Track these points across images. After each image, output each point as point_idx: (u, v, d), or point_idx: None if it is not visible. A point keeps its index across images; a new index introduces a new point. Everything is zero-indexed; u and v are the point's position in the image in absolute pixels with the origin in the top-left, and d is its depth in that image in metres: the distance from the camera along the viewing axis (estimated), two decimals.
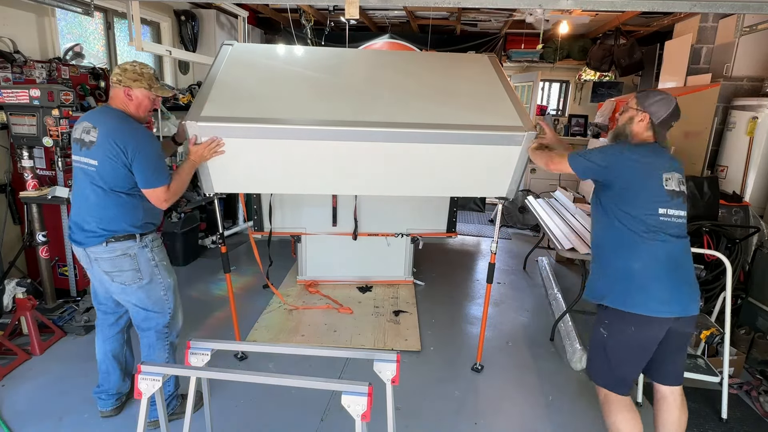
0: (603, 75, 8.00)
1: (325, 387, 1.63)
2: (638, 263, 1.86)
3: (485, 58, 3.04)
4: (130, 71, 2.14)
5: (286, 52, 3.06)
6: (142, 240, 2.21)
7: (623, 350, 1.92)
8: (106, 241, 2.14)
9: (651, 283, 1.84)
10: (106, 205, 2.13)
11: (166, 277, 2.30)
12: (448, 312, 3.78)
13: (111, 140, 2.06)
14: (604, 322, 1.94)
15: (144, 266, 2.22)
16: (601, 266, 2.00)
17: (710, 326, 2.60)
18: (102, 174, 2.09)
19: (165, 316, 2.31)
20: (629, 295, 1.86)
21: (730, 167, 4.28)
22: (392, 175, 2.56)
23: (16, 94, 3.04)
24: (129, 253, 2.18)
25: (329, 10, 6.12)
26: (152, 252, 2.24)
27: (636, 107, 2.00)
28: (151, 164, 2.11)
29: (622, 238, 1.89)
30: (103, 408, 2.43)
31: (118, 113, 2.15)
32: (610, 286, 1.93)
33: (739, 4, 2.35)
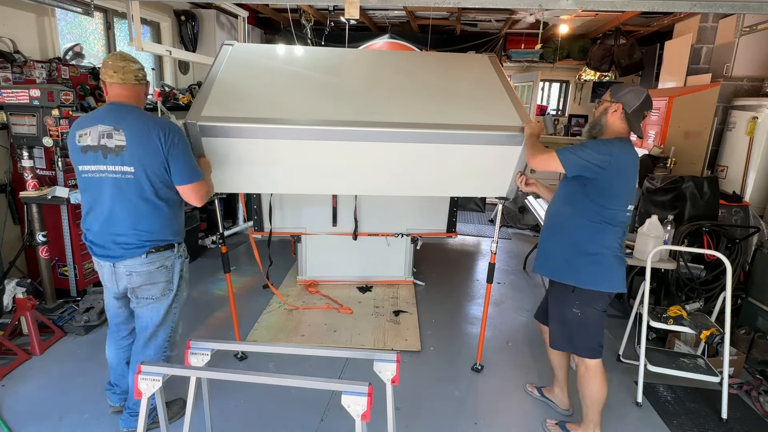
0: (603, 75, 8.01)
1: (325, 387, 1.63)
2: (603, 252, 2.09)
3: (485, 58, 3.04)
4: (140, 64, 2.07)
5: (286, 52, 3.07)
6: (179, 249, 2.16)
7: (596, 322, 2.18)
8: (147, 252, 2.04)
9: (616, 267, 2.12)
10: (146, 213, 2.01)
11: (183, 291, 2.26)
12: (448, 312, 3.78)
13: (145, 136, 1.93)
14: (576, 303, 2.16)
15: (176, 277, 2.17)
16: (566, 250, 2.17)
17: (710, 326, 2.60)
18: (138, 180, 1.96)
19: (168, 330, 2.25)
20: (600, 277, 2.11)
21: (730, 167, 4.29)
22: (392, 175, 2.57)
23: (16, 94, 3.04)
24: (166, 265, 2.11)
25: (329, 10, 6.12)
26: (184, 263, 2.21)
27: (609, 99, 2.10)
28: (187, 156, 2.03)
29: (595, 227, 2.09)
30: (114, 403, 2.39)
31: (138, 110, 2.02)
32: (578, 270, 2.13)
33: (739, 4, 2.35)
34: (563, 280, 2.19)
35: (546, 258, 2.28)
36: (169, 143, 1.97)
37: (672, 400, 2.74)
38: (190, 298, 3.81)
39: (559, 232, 2.22)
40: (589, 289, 2.12)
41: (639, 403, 2.67)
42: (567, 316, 2.21)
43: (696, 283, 3.27)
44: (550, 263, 2.25)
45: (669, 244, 3.06)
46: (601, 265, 2.10)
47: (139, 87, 2.06)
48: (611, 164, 1.98)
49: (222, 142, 2.30)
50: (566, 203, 2.19)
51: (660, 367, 2.67)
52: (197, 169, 2.07)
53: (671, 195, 3.47)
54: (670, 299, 3.29)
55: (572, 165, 2.04)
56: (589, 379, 2.23)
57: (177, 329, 2.32)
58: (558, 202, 2.26)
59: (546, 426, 2.47)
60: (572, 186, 2.14)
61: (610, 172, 1.99)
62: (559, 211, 2.24)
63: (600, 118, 2.11)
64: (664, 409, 2.67)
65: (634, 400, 2.69)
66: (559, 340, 2.30)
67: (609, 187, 2.03)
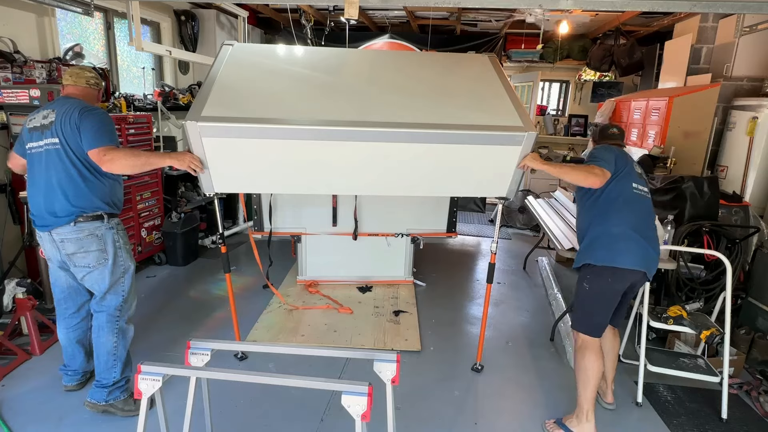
0: (603, 75, 8.01)
1: (325, 387, 1.63)
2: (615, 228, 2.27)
3: (485, 58, 3.04)
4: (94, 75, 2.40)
5: (286, 52, 3.07)
6: (110, 221, 2.29)
7: (601, 299, 2.32)
8: (75, 221, 2.21)
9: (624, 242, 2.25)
10: (74, 183, 2.20)
11: (126, 260, 2.38)
12: (448, 312, 3.78)
13: (68, 116, 2.18)
14: (587, 277, 2.33)
15: (109, 247, 2.29)
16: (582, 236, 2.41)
17: (710, 326, 2.60)
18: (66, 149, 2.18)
19: (118, 297, 2.37)
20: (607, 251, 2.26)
21: (730, 167, 4.29)
22: (392, 175, 2.56)
23: (16, 94, 3.04)
24: (96, 234, 2.25)
25: (329, 10, 6.12)
26: (117, 234, 2.33)
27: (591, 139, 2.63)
28: (96, 126, 2.18)
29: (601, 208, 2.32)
30: (68, 383, 2.56)
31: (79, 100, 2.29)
32: (590, 251, 2.31)
33: (739, 4, 2.35)
34: (579, 262, 2.38)
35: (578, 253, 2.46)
36: (82, 117, 2.17)
37: (672, 400, 2.74)
38: (191, 299, 3.84)
39: (579, 229, 2.47)
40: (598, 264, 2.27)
41: (639, 403, 2.67)
42: (579, 292, 2.39)
43: (696, 283, 3.27)
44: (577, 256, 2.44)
45: (669, 244, 3.05)
46: (610, 239, 2.27)
47: (89, 89, 2.36)
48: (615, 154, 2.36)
49: (222, 142, 2.30)
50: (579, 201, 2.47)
51: (660, 367, 2.67)
52: (106, 137, 2.19)
53: (671, 195, 3.47)
54: (670, 299, 3.29)
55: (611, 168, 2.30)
56: (582, 352, 2.35)
57: (129, 302, 2.43)
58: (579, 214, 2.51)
59: (545, 428, 2.47)
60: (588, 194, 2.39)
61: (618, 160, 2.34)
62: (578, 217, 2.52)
63: None
64: (664, 409, 2.67)
65: (634, 400, 2.69)
66: (573, 318, 2.47)
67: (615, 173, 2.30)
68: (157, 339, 3.17)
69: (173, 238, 4.42)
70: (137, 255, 4.21)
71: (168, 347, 3.05)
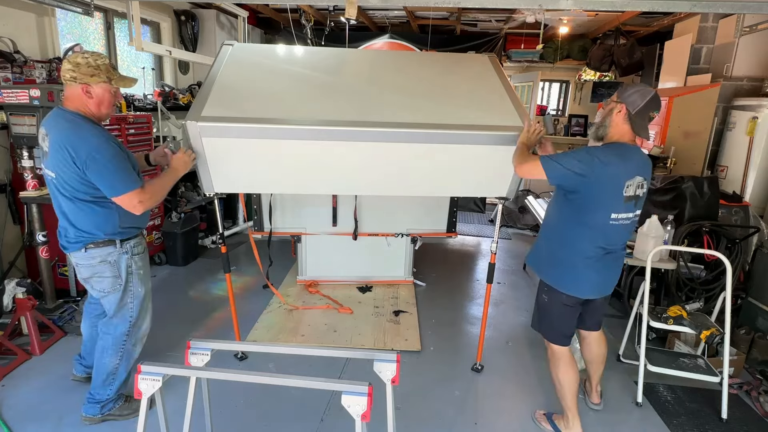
0: (603, 75, 8.01)
1: (325, 387, 1.63)
2: (578, 255, 2.15)
3: (485, 58, 3.04)
4: (85, 65, 1.96)
5: (286, 52, 3.07)
6: (123, 246, 2.16)
7: (560, 312, 2.29)
8: (85, 247, 2.10)
9: (584, 272, 2.17)
10: (77, 213, 2.06)
11: (137, 287, 2.26)
12: (448, 312, 3.78)
13: (62, 149, 1.92)
14: (545, 290, 2.31)
15: (123, 274, 2.19)
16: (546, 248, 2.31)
17: (710, 326, 2.60)
18: (62, 185, 2.00)
19: (125, 323, 2.29)
20: (565, 278, 2.22)
21: (730, 167, 4.29)
22: (392, 175, 2.56)
23: (16, 94, 3.04)
24: (109, 260, 2.14)
25: (329, 10, 6.12)
26: (132, 259, 2.21)
27: (615, 99, 2.08)
28: (110, 170, 1.96)
29: (570, 232, 2.17)
30: (77, 373, 2.59)
31: (70, 117, 1.99)
32: (551, 266, 2.27)
33: (739, 4, 2.35)
34: (538, 273, 2.37)
35: (534, 250, 2.45)
36: (83, 165, 1.93)
37: (672, 400, 2.74)
38: (191, 299, 3.84)
39: (547, 229, 2.36)
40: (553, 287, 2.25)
41: (639, 403, 2.67)
42: (538, 300, 2.38)
43: (696, 283, 3.27)
44: (535, 255, 2.42)
45: (669, 244, 3.06)
46: (572, 269, 2.19)
47: (70, 87, 2.00)
48: (593, 173, 1.98)
49: (222, 142, 2.30)
50: (554, 204, 2.30)
51: (660, 367, 2.67)
52: (124, 181, 2.00)
53: (671, 195, 3.47)
54: (670, 299, 3.29)
55: (555, 173, 2.05)
56: (555, 362, 2.34)
57: (138, 325, 2.34)
58: (551, 202, 2.37)
59: (535, 417, 2.53)
60: (558, 194, 2.24)
61: (590, 181, 1.99)
62: (550, 211, 2.36)
63: (605, 119, 2.10)
64: (664, 409, 2.67)
65: (634, 400, 2.70)
66: (534, 320, 2.46)
67: (590, 195, 2.04)
68: (157, 339, 3.16)
69: (173, 238, 4.42)
70: None
71: (168, 347, 3.05)
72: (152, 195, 2.10)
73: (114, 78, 2.05)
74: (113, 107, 2.14)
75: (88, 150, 1.93)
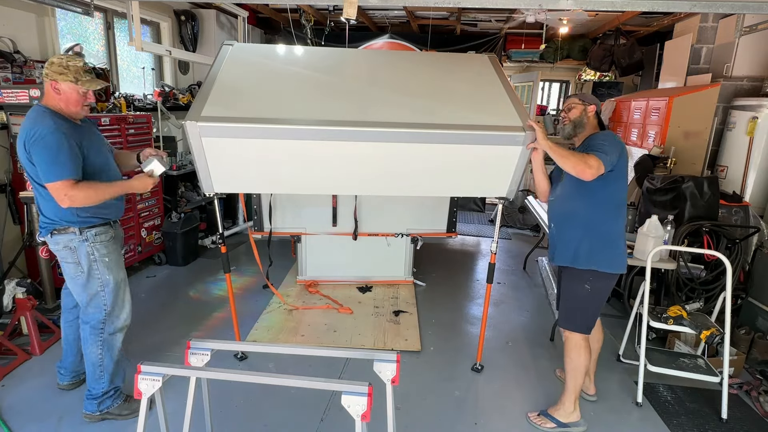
0: (603, 75, 8.01)
1: (325, 387, 1.63)
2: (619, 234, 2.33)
3: (485, 58, 3.04)
4: (56, 64, 2.10)
5: (286, 52, 3.06)
6: (83, 234, 2.21)
7: (602, 298, 2.39)
8: (50, 233, 2.20)
9: (624, 248, 2.35)
10: (41, 200, 2.18)
11: (105, 274, 2.27)
12: (448, 312, 3.78)
13: (20, 139, 2.07)
14: (589, 280, 2.33)
15: (83, 260, 2.23)
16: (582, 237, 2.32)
17: (710, 326, 2.60)
18: (27, 170, 2.13)
19: (100, 311, 2.30)
20: (615, 259, 2.31)
21: (730, 167, 4.28)
22: (392, 175, 2.56)
23: (16, 94, 3.04)
24: (70, 246, 2.21)
25: (329, 10, 6.12)
26: (92, 246, 2.23)
27: (582, 102, 2.40)
28: (49, 155, 2.02)
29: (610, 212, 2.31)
30: (60, 381, 2.59)
31: (37, 109, 2.11)
32: (596, 253, 2.30)
33: (739, 4, 2.35)
34: (581, 266, 2.33)
35: (563, 248, 2.41)
36: (29, 149, 2.04)
37: (672, 400, 2.74)
38: (191, 299, 3.84)
39: (573, 221, 2.36)
40: (605, 271, 2.30)
41: (639, 403, 2.67)
42: (579, 294, 2.38)
43: (696, 283, 3.27)
44: (567, 252, 2.38)
45: (669, 244, 3.05)
46: (617, 248, 2.31)
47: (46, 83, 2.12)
48: (623, 152, 2.25)
49: (222, 142, 2.30)
50: (579, 193, 2.32)
51: (660, 367, 2.67)
52: (62, 168, 2.04)
53: (671, 195, 3.47)
54: (670, 299, 3.29)
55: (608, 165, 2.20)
56: (579, 351, 2.41)
57: (116, 314, 2.34)
58: (568, 194, 2.38)
59: (530, 419, 2.53)
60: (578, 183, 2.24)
61: (622, 159, 2.25)
62: (571, 203, 2.37)
63: (581, 118, 2.38)
64: (664, 409, 2.67)
65: (634, 400, 2.70)
66: (564, 318, 2.47)
67: (621, 175, 2.28)
68: (157, 339, 3.17)
69: (173, 238, 4.42)
70: (137, 255, 4.21)
71: (168, 347, 3.05)
72: (86, 195, 2.09)
73: (81, 80, 2.13)
74: (84, 107, 2.21)
75: (34, 136, 2.03)
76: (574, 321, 2.41)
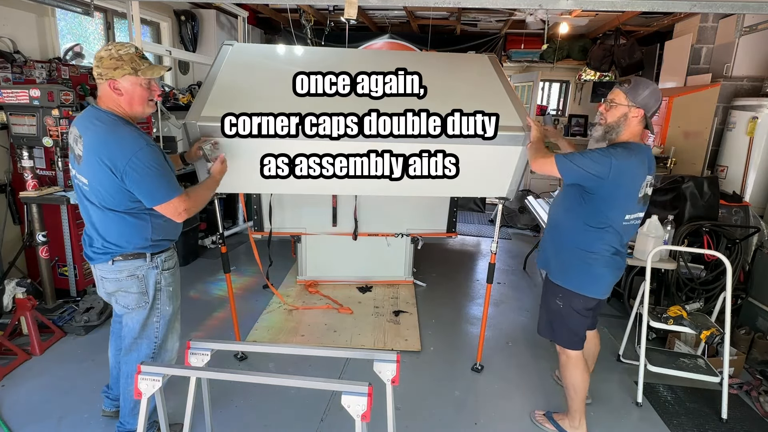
0: (603, 75, 8.00)
1: (325, 387, 1.63)
2: (594, 256, 2.12)
3: (485, 58, 3.04)
4: (107, 58, 1.77)
5: (286, 52, 3.06)
6: (153, 260, 1.98)
7: (577, 317, 2.24)
8: (113, 260, 1.93)
9: (602, 273, 2.15)
10: (106, 223, 1.89)
11: (165, 305, 2.07)
12: (448, 312, 3.78)
13: (96, 156, 1.76)
14: (558, 296, 2.24)
15: (150, 290, 2.01)
16: (558, 249, 2.25)
17: (710, 326, 2.60)
18: (95, 193, 1.84)
19: (150, 345, 2.09)
20: (584, 281, 2.16)
21: (730, 167, 4.29)
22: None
23: (16, 94, 3.04)
24: (137, 275, 1.96)
25: (329, 10, 6.12)
26: (161, 274, 2.03)
27: (627, 103, 2.00)
28: (152, 178, 1.79)
29: (587, 234, 2.11)
30: (106, 407, 2.39)
31: (105, 118, 1.81)
32: (566, 270, 2.21)
33: (739, 4, 2.35)
34: (552, 278, 2.29)
35: (543, 254, 2.40)
36: (121, 173, 1.76)
37: (672, 400, 2.74)
38: (191, 299, 3.84)
39: (556, 231, 2.30)
40: (575, 291, 2.19)
41: (639, 403, 2.67)
42: (551, 307, 2.30)
43: (696, 283, 3.27)
44: (546, 259, 2.36)
45: (669, 244, 3.05)
46: (588, 270, 2.14)
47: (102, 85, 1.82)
48: (610, 176, 1.94)
49: (222, 142, 2.30)
50: (564, 205, 2.23)
51: (660, 367, 2.67)
52: (170, 186, 1.85)
53: (671, 195, 3.47)
54: (670, 299, 3.29)
55: (570, 173, 2.02)
56: (570, 368, 2.31)
57: (164, 345, 2.14)
58: (558, 203, 2.32)
59: (534, 418, 2.53)
60: (571, 189, 2.14)
61: (608, 183, 1.96)
62: (558, 212, 2.30)
63: (619, 123, 2.03)
64: (664, 409, 2.67)
65: (634, 400, 2.70)
66: (543, 327, 2.41)
67: (607, 196, 2.02)
68: None
69: None
70: None
71: None
72: (195, 202, 1.95)
73: (141, 68, 1.81)
74: (149, 103, 1.91)
75: (127, 155, 1.74)
76: (556, 335, 2.32)
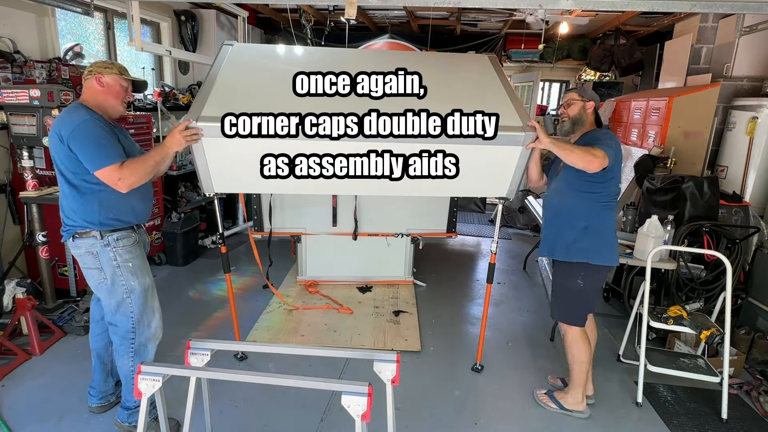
0: (603, 75, 8.00)
1: (325, 387, 1.63)
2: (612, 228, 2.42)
3: (485, 58, 3.04)
4: (101, 62, 2.20)
5: (286, 52, 3.06)
6: (104, 238, 2.14)
7: (595, 291, 2.48)
8: (72, 237, 2.15)
9: (614, 240, 2.43)
10: (67, 197, 2.12)
11: (129, 280, 2.19)
12: (448, 312, 3.78)
13: (53, 130, 2.05)
14: (581, 274, 2.41)
15: (106, 266, 2.15)
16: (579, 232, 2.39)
17: (710, 326, 2.60)
18: (56, 167, 2.09)
19: (127, 320, 2.22)
20: (605, 253, 2.38)
21: (730, 167, 4.28)
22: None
23: (16, 94, 3.04)
24: (92, 251, 2.14)
25: (329, 10, 6.12)
26: (114, 251, 2.16)
27: (581, 98, 2.46)
28: (93, 144, 2.01)
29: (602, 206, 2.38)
30: (90, 403, 2.46)
31: (75, 105, 2.12)
32: (593, 248, 2.38)
33: (739, 4, 2.35)
34: (574, 259, 2.40)
35: (554, 241, 2.48)
36: (67, 140, 2.01)
37: (672, 400, 2.74)
38: (191, 299, 3.84)
39: (568, 216, 2.43)
40: (598, 264, 2.37)
41: (639, 403, 2.67)
42: (570, 289, 2.44)
43: (696, 283, 3.27)
44: (559, 246, 2.45)
45: (669, 244, 3.05)
46: (605, 242, 2.39)
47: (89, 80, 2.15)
48: (618, 150, 2.31)
49: (222, 142, 2.30)
50: (574, 188, 2.39)
51: (660, 367, 2.67)
52: (108, 153, 2.03)
53: (671, 195, 3.47)
54: (670, 299, 3.29)
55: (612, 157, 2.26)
56: (579, 344, 2.49)
57: (145, 323, 2.27)
58: (562, 191, 2.46)
59: (537, 396, 2.66)
60: (575, 176, 2.34)
61: (618, 156, 2.32)
62: (565, 197, 2.45)
63: (581, 115, 2.45)
64: (664, 409, 2.67)
65: (634, 400, 2.70)
66: (558, 312, 2.55)
67: (616, 174, 2.34)
68: None
69: (173, 238, 4.42)
70: None
71: (168, 347, 3.04)
72: (133, 171, 2.07)
73: (125, 74, 2.19)
74: (123, 103, 2.22)
75: (73, 124, 2.02)
76: (568, 314, 2.49)
